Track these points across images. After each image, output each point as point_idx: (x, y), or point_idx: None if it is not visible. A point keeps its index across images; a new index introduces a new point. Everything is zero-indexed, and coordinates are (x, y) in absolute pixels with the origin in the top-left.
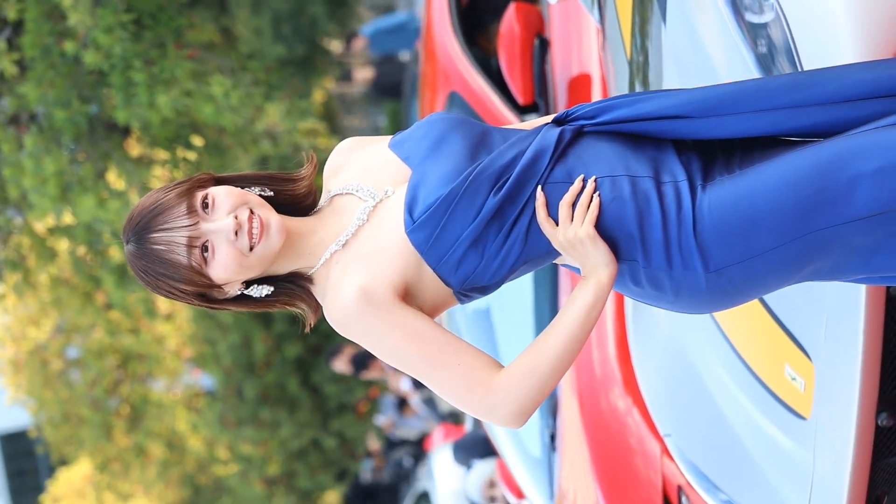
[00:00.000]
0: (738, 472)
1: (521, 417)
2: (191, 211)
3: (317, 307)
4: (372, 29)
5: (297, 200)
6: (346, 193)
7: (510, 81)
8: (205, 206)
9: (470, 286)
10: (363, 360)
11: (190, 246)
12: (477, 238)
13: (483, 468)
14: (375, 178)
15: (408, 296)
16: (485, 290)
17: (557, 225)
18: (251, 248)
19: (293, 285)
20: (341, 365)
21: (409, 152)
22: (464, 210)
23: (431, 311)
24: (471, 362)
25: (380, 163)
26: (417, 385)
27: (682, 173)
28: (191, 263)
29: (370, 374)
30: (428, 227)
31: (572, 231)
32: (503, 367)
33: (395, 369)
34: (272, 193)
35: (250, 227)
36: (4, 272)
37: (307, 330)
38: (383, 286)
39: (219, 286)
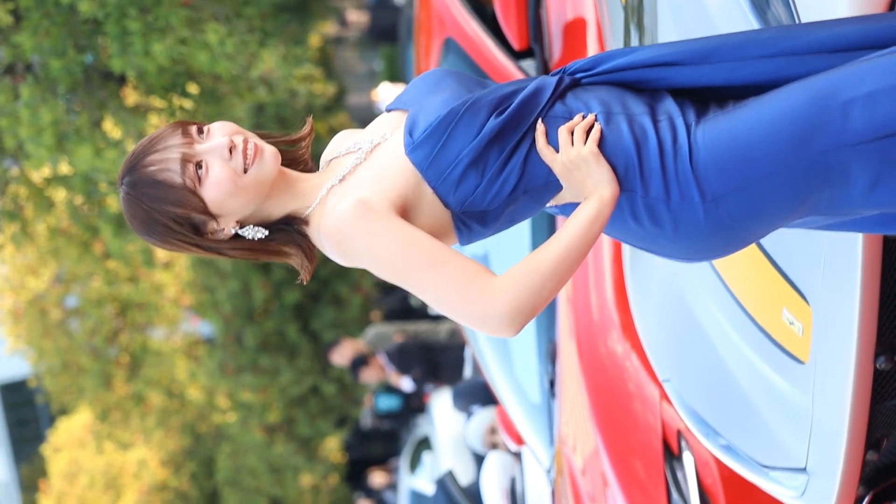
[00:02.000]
0: (737, 417)
1: (517, 319)
2: (186, 134)
3: (312, 250)
4: None
5: (294, 162)
6: (345, 153)
7: (505, 27)
8: (200, 132)
9: (469, 210)
10: (363, 358)
11: (184, 161)
12: (477, 157)
13: (483, 415)
14: (374, 131)
15: (406, 216)
16: (483, 217)
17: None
18: (245, 170)
19: (288, 227)
20: (339, 358)
21: (407, 100)
22: (464, 128)
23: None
24: (467, 264)
25: (378, 122)
26: (417, 384)
27: (676, 111)
28: (184, 181)
29: (369, 375)
30: (428, 146)
31: (574, 151)
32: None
33: (396, 369)
34: None
35: (245, 149)
36: (2, 223)
37: (304, 281)
38: (381, 201)
39: (213, 214)
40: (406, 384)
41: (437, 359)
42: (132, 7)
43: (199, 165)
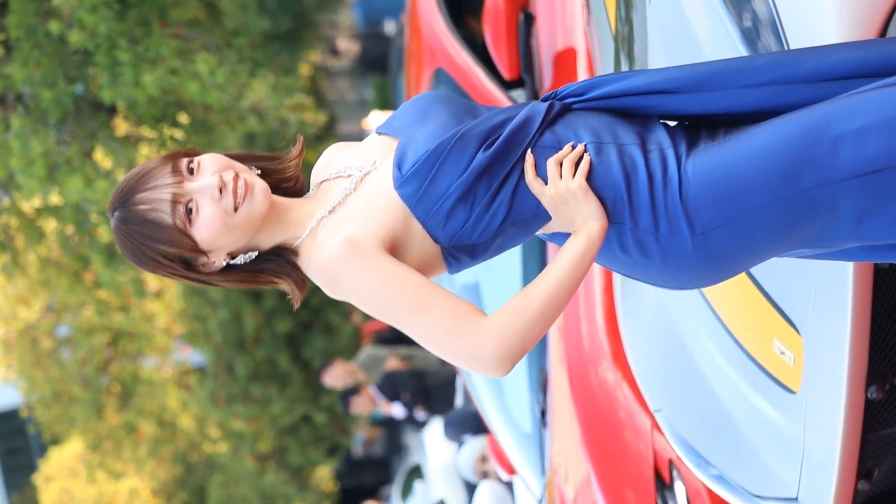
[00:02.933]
0: (728, 447)
1: (507, 360)
2: (176, 172)
3: (303, 279)
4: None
5: (284, 181)
6: (335, 177)
7: (496, 57)
8: (190, 170)
9: (457, 243)
10: (353, 389)
11: (174, 202)
12: (466, 192)
13: (474, 444)
14: (364, 156)
15: (395, 251)
16: (472, 250)
17: (546, 185)
18: (235, 209)
19: (279, 258)
20: (332, 379)
21: (396, 126)
22: (453, 163)
23: (419, 271)
24: (457, 304)
25: (368, 145)
26: (407, 407)
27: (667, 142)
28: (175, 222)
29: (359, 405)
30: (416, 181)
31: (563, 184)
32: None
33: (386, 398)
34: (259, 172)
35: (235, 187)
36: None
37: (295, 307)
38: (370, 238)
39: (203, 251)
40: (397, 410)
41: (428, 385)
42: (122, 38)
43: (189, 205)
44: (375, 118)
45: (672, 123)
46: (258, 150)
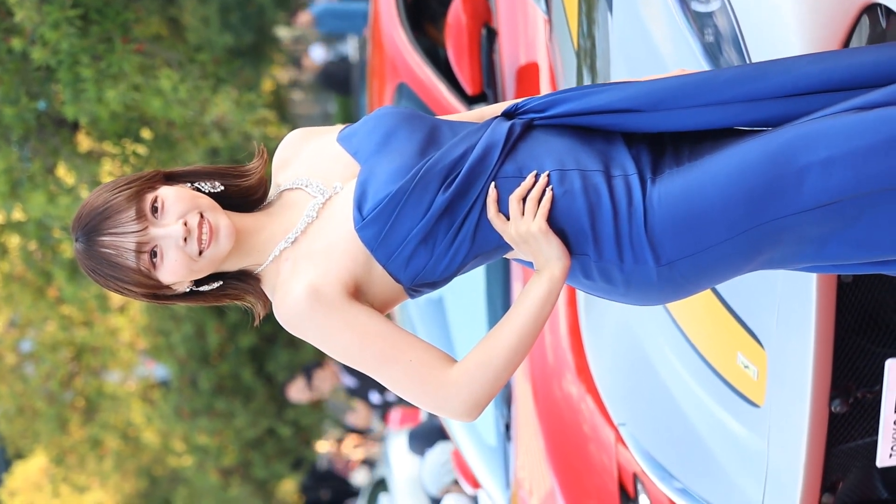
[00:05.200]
0: (693, 461)
1: (475, 411)
2: (140, 216)
3: (266, 301)
4: (322, 7)
5: (247, 194)
6: (296, 188)
7: (458, 72)
8: (154, 210)
9: (420, 282)
10: (316, 362)
11: (139, 252)
12: (426, 235)
13: (435, 455)
14: (324, 174)
15: (358, 293)
16: (434, 285)
17: (508, 220)
18: (200, 253)
19: (241, 282)
20: (297, 394)
21: (358, 147)
22: (413, 207)
23: (382, 307)
24: (423, 357)
25: (329, 157)
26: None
27: (632, 167)
28: (139, 268)
29: (322, 379)
30: (377, 225)
31: (524, 225)
32: (456, 361)
33: (352, 382)
34: (222, 188)
35: (199, 234)
36: None
37: (256, 323)
38: (332, 284)
39: (167, 286)
40: (375, 398)
41: None
42: (85, 54)
43: (153, 253)
44: None
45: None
46: (221, 164)
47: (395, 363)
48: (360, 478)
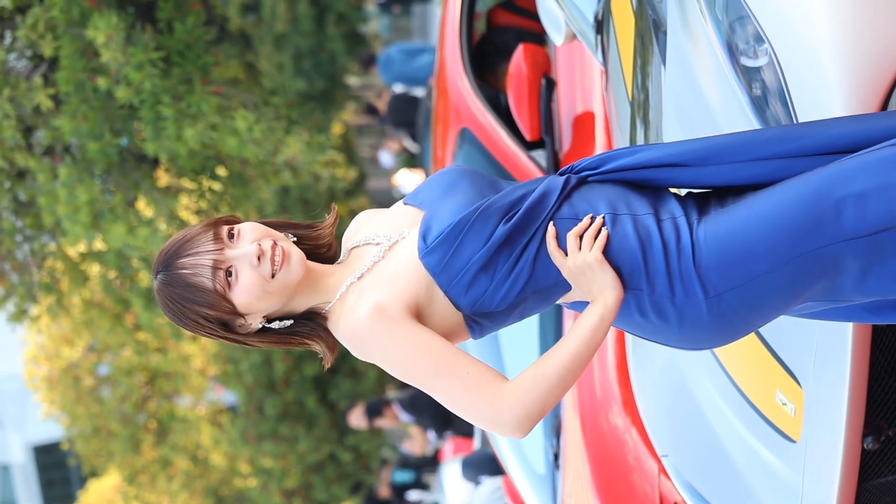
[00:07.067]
0: (731, 492)
1: (527, 424)
2: (217, 238)
3: (332, 341)
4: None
5: (318, 249)
6: (365, 244)
7: (518, 119)
8: (231, 236)
9: (479, 311)
10: (377, 406)
11: (215, 268)
12: (487, 262)
13: (490, 483)
14: (392, 225)
15: (420, 317)
16: (494, 317)
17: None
18: (273, 276)
19: (311, 322)
20: (357, 420)
21: (423, 199)
22: (475, 235)
23: (443, 337)
24: (479, 371)
25: (396, 215)
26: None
27: (679, 211)
28: (215, 287)
29: (384, 422)
30: (440, 251)
31: (581, 257)
32: (509, 379)
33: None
34: (295, 239)
35: (272, 255)
36: (39, 295)
37: (327, 366)
38: (396, 303)
39: (241, 314)
40: (432, 437)
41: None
42: (166, 94)
43: (228, 271)
44: (404, 176)
45: (682, 192)
46: (291, 201)
47: (452, 376)
48: None
